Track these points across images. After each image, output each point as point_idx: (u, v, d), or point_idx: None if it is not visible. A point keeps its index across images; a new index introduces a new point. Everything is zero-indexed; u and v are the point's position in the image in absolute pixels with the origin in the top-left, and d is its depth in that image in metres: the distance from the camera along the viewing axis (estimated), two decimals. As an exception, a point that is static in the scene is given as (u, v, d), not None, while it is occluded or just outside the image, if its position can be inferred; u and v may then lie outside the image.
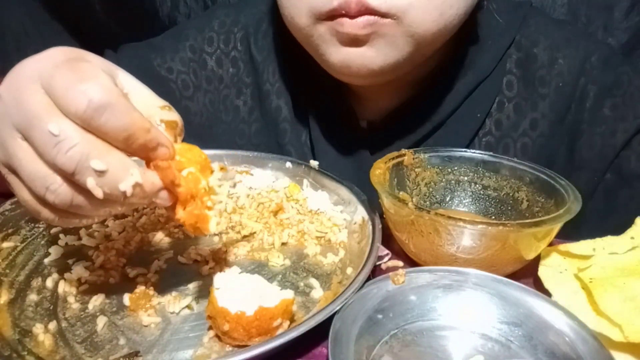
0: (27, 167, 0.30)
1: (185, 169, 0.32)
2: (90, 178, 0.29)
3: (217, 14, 0.68)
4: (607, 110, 0.55)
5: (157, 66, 0.65)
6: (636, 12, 0.77)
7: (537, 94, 0.58)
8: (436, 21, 0.47)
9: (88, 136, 0.29)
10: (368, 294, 0.36)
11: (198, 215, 0.33)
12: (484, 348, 0.35)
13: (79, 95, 0.28)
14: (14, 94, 0.30)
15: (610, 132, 0.55)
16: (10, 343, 0.34)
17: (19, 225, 0.46)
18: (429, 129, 0.59)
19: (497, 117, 0.59)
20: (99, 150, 0.29)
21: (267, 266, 0.45)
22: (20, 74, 0.30)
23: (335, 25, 0.46)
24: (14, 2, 1.00)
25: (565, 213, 0.40)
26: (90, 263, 0.43)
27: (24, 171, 0.30)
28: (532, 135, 0.58)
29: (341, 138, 0.62)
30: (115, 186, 0.29)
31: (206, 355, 0.34)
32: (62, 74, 0.29)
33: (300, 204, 0.53)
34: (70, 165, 0.28)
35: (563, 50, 0.57)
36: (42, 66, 0.30)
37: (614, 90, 0.55)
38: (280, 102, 0.65)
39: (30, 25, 1.02)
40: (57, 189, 0.30)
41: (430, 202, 0.52)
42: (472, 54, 0.58)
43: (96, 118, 0.28)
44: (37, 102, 0.29)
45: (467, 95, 0.58)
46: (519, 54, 0.59)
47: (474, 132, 0.59)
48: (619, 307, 0.35)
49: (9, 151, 0.30)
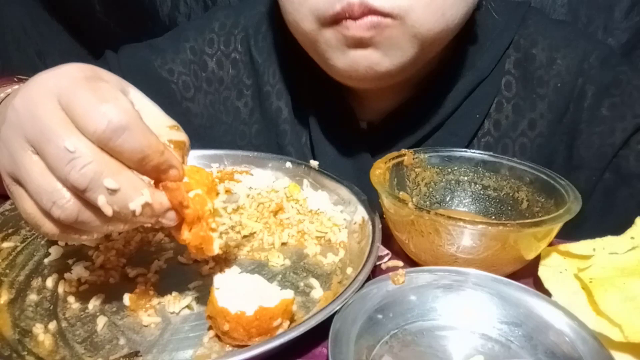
0: (36, 180, 0.30)
1: (193, 191, 0.33)
2: (101, 196, 0.29)
3: (217, 15, 0.68)
4: (606, 109, 0.55)
5: (158, 67, 0.65)
6: (636, 12, 0.77)
7: (536, 94, 0.58)
8: (438, 21, 0.47)
9: (102, 155, 0.29)
10: (368, 294, 0.36)
11: (203, 237, 0.33)
12: (484, 348, 0.35)
13: (98, 116, 0.29)
14: (29, 107, 0.30)
15: (609, 132, 0.55)
16: (10, 343, 0.34)
17: (19, 225, 0.46)
18: (429, 129, 0.59)
19: (496, 117, 0.59)
20: (112, 169, 0.29)
21: (267, 266, 0.44)
22: (36, 88, 0.30)
23: (341, 29, 0.46)
24: (14, 2, 1.00)
25: (565, 213, 0.40)
26: (90, 263, 0.43)
27: (32, 184, 0.30)
28: (530, 135, 0.58)
29: (341, 139, 0.62)
30: (126, 205, 0.30)
31: (206, 355, 0.34)
32: (82, 93, 0.29)
33: (300, 204, 0.53)
34: (83, 183, 0.29)
35: (562, 51, 0.57)
36: (60, 83, 0.30)
37: (612, 90, 0.55)
38: (280, 103, 0.65)
39: (30, 25, 1.02)
40: (64, 204, 0.30)
41: (430, 202, 0.52)
42: (471, 55, 0.59)
43: (114, 139, 0.29)
44: (53, 117, 0.29)
45: (467, 96, 0.58)
46: (518, 55, 0.59)
47: (473, 133, 0.59)
48: (619, 307, 0.35)
49: (17, 162, 0.30)
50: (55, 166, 0.29)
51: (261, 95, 0.66)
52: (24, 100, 0.30)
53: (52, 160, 0.29)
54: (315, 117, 0.63)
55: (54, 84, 0.30)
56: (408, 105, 0.60)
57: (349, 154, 0.62)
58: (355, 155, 0.62)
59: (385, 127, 0.61)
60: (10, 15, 1.01)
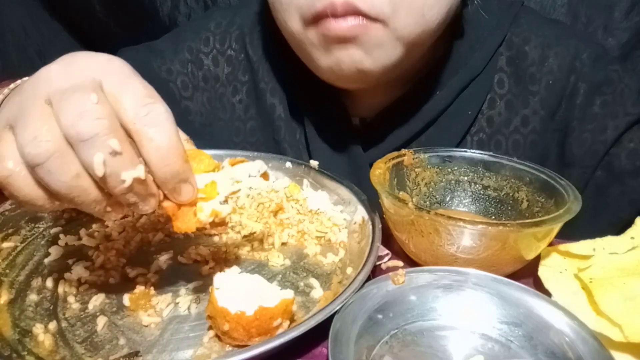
0: (32, 116, 0.28)
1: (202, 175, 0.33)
2: (100, 153, 0.28)
3: (214, 15, 0.69)
4: (597, 107, 0.55)
5: (157, 68, 0.66)
6: (636, 12, 0.77)
7: (528, 91, 0.58)
8: (419, 23, 0.48)
9: (117, 121, 0.29)
10: (368, 294, 0.36)
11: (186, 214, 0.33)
12: (484, 348, 0.35)
13: (143, 101, 0.30)
14: (68, 73, 0.30)
15: (601, 129, 0.55)
16: (10, 343, 0.34)
17: (19, 225, 0.46)
18: (421, 126, 0.60)
19: (489, 114, 0.60)
20: (121, 135, 0.29)
21: (267, 266, 0.44)
22: (78, 64, 0.31)
23: (322, 29, 0.47)
24: (14, 2, 1.00)
25: (565, 213, 0.40)
26: (90, 263, 0.43)
27: (26, 119, 0.28)
28: (523, 132, 0.59)
29: (334, 136, 0.63)
30: (118, 172, 0.29)
31: (206, 355, 0.34)
32: (136, 81, 0.31)
33: (300, 204, 0.53)
34: (87, 133, 0.28)
35: (554, 48, 0.57)
36: (100, 64, 0.31)
37: (603, 88, 0.55)
38: (274, 100, 0.65)
39: (30, 25, 1.02)
40: (41, 141, 0.28)
41: (430, 202, 0.52)
42: (464, 53, 0.59)
43: (148, 126, 0.30)
44: (88, 81, 0.29)
45: (459, 93, 0.59)
46: (510, 52, 0.59)
47: (465, 130, 0.60)
48: (619, 307, 0.35)
49: (23, 108, 0.29)
50: (67, 111, 0.28)
51: (257, 92, 0.66)
52: (64, 68, 0.30)
53: (67, 105, 0.28)
54: (308, 114, 0.63)
55: (97, 68, 0.30)
56: (401, 102, 0.60)
57: (343, 150, 0.62)
58: (348, 151, 0.62)
59: (378, 123, 0.62)
60: (10, 15, 1.00)
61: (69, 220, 0.49)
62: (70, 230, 0.48)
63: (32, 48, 1.03)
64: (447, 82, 0.59)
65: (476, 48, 0.59)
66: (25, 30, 1.02)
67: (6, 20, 1.00)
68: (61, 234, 0.47)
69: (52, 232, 0.47)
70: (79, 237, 0.46)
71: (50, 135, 0.28)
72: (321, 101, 0.62)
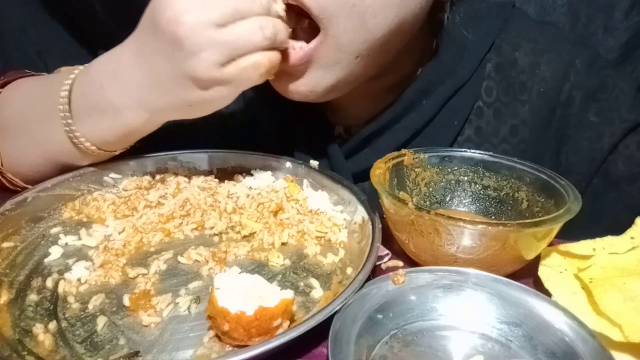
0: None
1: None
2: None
3: None
4: (593, 114, 0.55)
5: None
6: (636, 12, 0.77)
7: (518, 100, 0.57)
8: (359, 30, 0.46)
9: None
10: (368, 294, 0.36)
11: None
12: (484, 348, 0.35)
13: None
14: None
15: (597, 137, 0.55)
16: (10, 343, 0.34)
17: (19, 225, 0.46)
18: (407, 137, 0.59)
19: (477, 123, 0.59)
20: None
21: (267, 266, 0.44)
22: None
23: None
24: (14, 2, 1.00)
25: (565, 213, 0.40)
26: (90, 263, 0.43)
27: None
28: (512, 141, 0.58)
29: (315, 144, 0.62)
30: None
31: (206, 355, 0.34)
32: None
33: (300, 204, 0.53)
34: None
35: (545, 55, 0.57)
36: None
37: (598, 95, 0.55)
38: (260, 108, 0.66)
39: (30, 25, 1.02)
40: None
41: (430, 202, 0.52)
42: (450, 60, 0.58)
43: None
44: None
45: (445, 102, 0.58)
46: (499, 59, 0.58)
47: (451, 140, 0.59)
48: (619, 307, 0.35)
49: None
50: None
51: (244, 100, 0.66)
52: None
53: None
54: (291, 122, 0.63)
55: None
56: (387, 111, 0.59)
57: (322, 158, 0.62)
58: (328, 159, 0.62)
59: (363, 132, 0.61)
60: (10, 15, 1.00)
61: (69, 220, 0.50)
62: (70, 230, 0.48)
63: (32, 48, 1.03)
64: (434, 91, 0.58)
65: (463, 56, 0.58)
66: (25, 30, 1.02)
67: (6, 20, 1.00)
68: (61, 234, 0.47)
69: (52, 232, 0.47)
70: (79, 237, 0.46)
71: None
72: (301, 109, 0.61)
